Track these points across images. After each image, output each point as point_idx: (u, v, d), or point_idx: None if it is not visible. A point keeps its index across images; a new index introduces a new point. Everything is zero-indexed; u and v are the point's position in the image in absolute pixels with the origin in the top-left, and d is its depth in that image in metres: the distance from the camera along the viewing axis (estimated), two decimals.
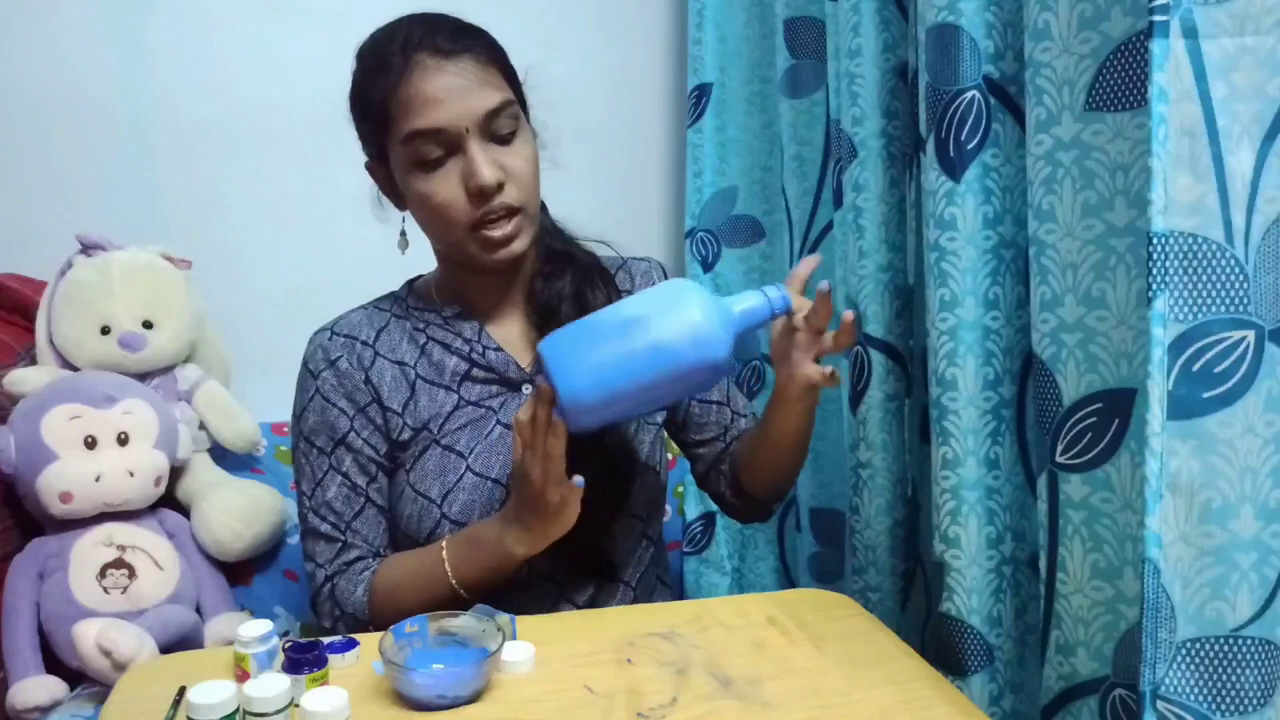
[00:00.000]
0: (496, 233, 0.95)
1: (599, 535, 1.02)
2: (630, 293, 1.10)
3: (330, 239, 1.57)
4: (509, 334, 1.06)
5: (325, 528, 1.00)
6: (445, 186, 0.94)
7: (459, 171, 0.94)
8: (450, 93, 0.92)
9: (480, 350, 1.03)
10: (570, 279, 1.04)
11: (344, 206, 1.58)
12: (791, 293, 0.92)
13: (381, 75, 0.95)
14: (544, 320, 1.03)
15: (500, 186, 0.94)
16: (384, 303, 1.08)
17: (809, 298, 0.96)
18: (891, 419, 1.17)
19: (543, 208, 1.07)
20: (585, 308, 1.01)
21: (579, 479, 0.88)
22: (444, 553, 0.95)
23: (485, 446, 1.01)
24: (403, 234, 1.04)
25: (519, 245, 0.97)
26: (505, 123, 0.95)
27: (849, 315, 0.93)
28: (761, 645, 0.89)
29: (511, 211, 0.95)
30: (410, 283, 1.11)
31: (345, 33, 1.07)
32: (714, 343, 0.85)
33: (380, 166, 1.01)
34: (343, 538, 1.00)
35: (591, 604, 1.03)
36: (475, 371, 1.03)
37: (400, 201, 1.02)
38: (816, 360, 0.96)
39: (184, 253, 1.39)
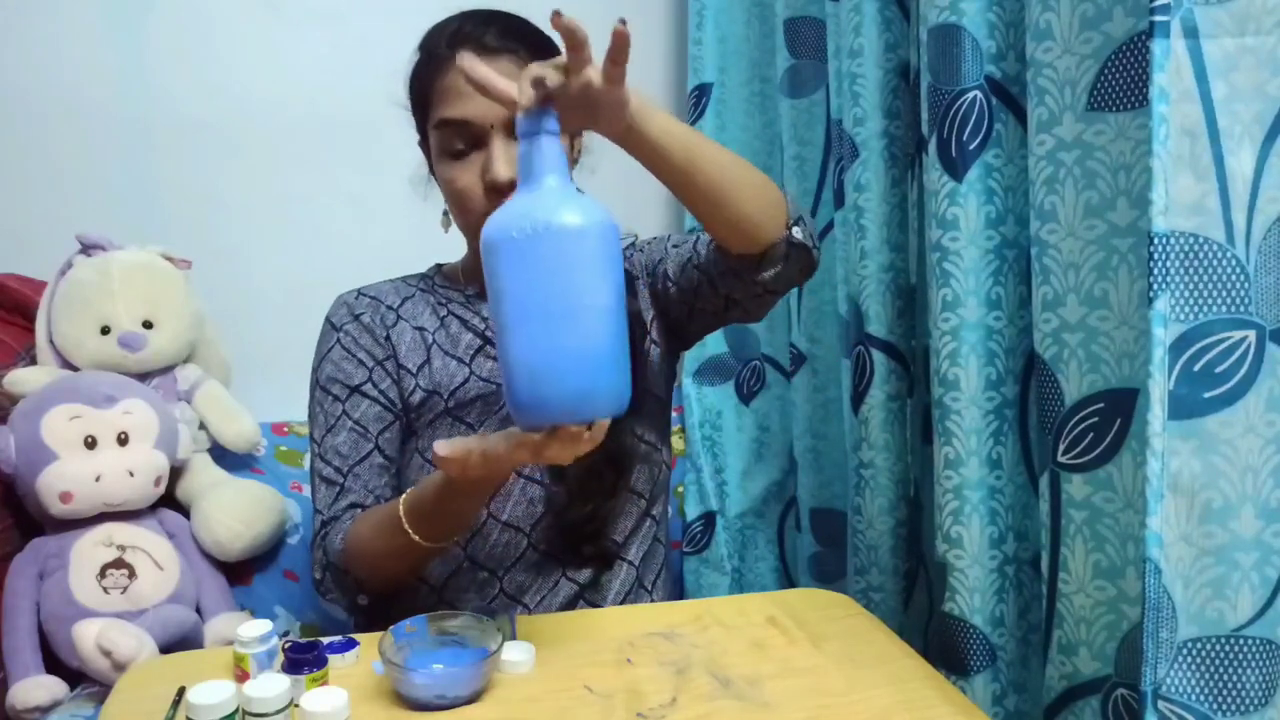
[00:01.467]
0: None
1: (600, 514, 1.02)
2: (638, 276, 1.10)
3: (330, 239, 1.57)
4: None
5: (328, 471, 1.01)
6: (465, 176, 0.97)
7: (481, 165, 0.97)
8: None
9: None
10: None
11: (344, 206, 1.59)
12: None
13: (429, 63, 1.00)
14: None
15: (514, 185, 0.94)
16: (411, 279, 1.12)
17: None
18: (893, 419, 1.17)
19: None
20: None
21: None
22: (401, 499, 0.92)
23: (495, 422, 1.02)
24: (445, 213, 1.06)
25: None
26: None
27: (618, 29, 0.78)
28: (761, 645, 0.89)
29: None
30: (439, 266, 1.15)
31: (345, 33, 1.08)
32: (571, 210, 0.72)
33: (425, 148, 1.05)
34: (342, 481, 1.01)
35: (593, 582, 1.04)
36: (488, 348, 1.05)
37: (437, 183, 1.05)
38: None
39: (184, 253, 1.39)
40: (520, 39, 0.99)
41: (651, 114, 0.83)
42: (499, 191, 0.95)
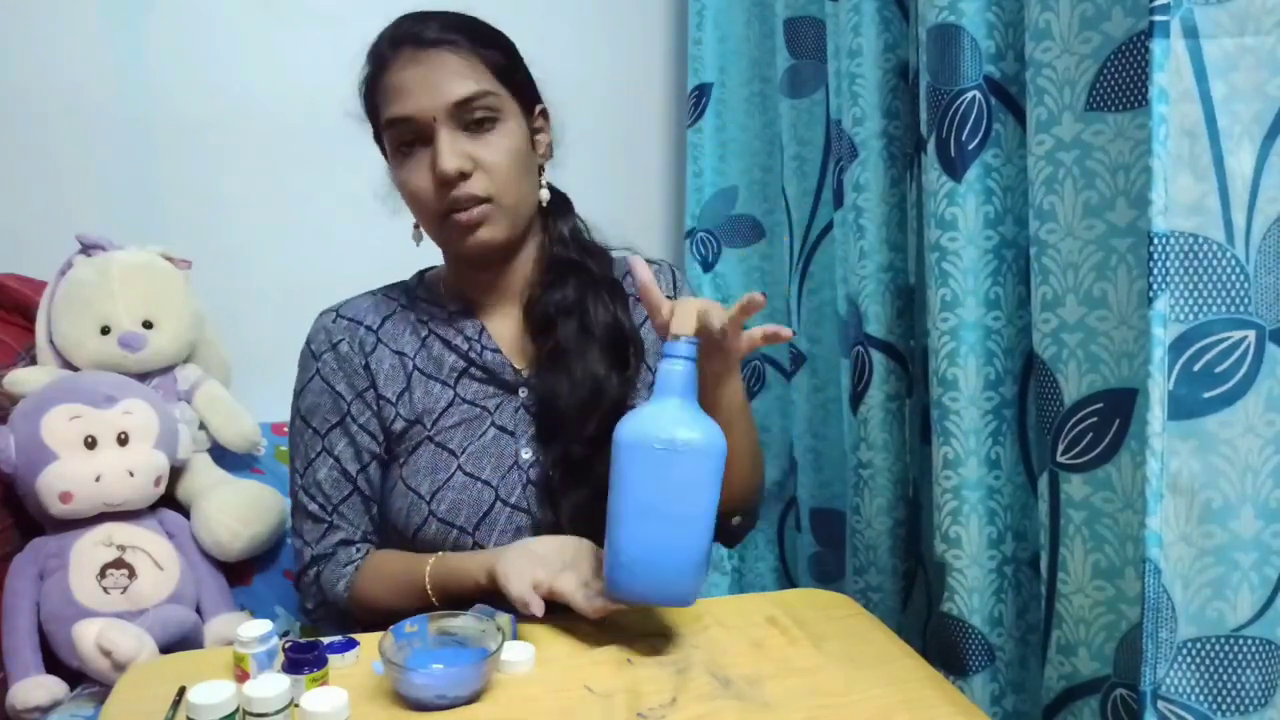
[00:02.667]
0: (462, 218, 0.96)
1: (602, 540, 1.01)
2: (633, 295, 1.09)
3: (330, 239, 1.57)
4: (512, 335, 1.05)
5: (314, 508, 1.02)
6: (417, 175, 0.96)
7: (429, 160, 0.95)
8: (420, 82, 0.95)
9: (479, 350, 1.03)
10: (574, 289, 1.03)
11: (344, 206, 1.58)
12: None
13: (371, 68, 1.00)
14: (539, 328, 1.02)
15: (464, 176, 0.95)
16: (393, 291, 1.09)
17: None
18: (892, 419, 1.17)
19: (560, 214, 1.07)
20: (585, 320, 1.01)
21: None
22: (427, 570, 0.95)
23: (478, 448, 1.01)
24: (416, 225, 1.04)
25: (485, 234, 0.97)
26: (479, 112, 0.96)
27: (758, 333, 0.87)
28: (761, 645, 0.89)
29: (478, 200, 0.96)
30: (422, 274, 1.12)
31: (345, 33, 1.07)
32: (693, 430, 0.82)
33: (385, 156, 1.04)
34: (329, 519, 1.02)
35: None
36: (473, 370, 1.03)
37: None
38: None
39: (184, 253, 1.39)
40: (459, 30, 0.98)
41: (736, 377, 0.93)
42: (448, 184, 0.94)
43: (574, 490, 0.98)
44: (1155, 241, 0.76)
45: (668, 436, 0.81)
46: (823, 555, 1.42)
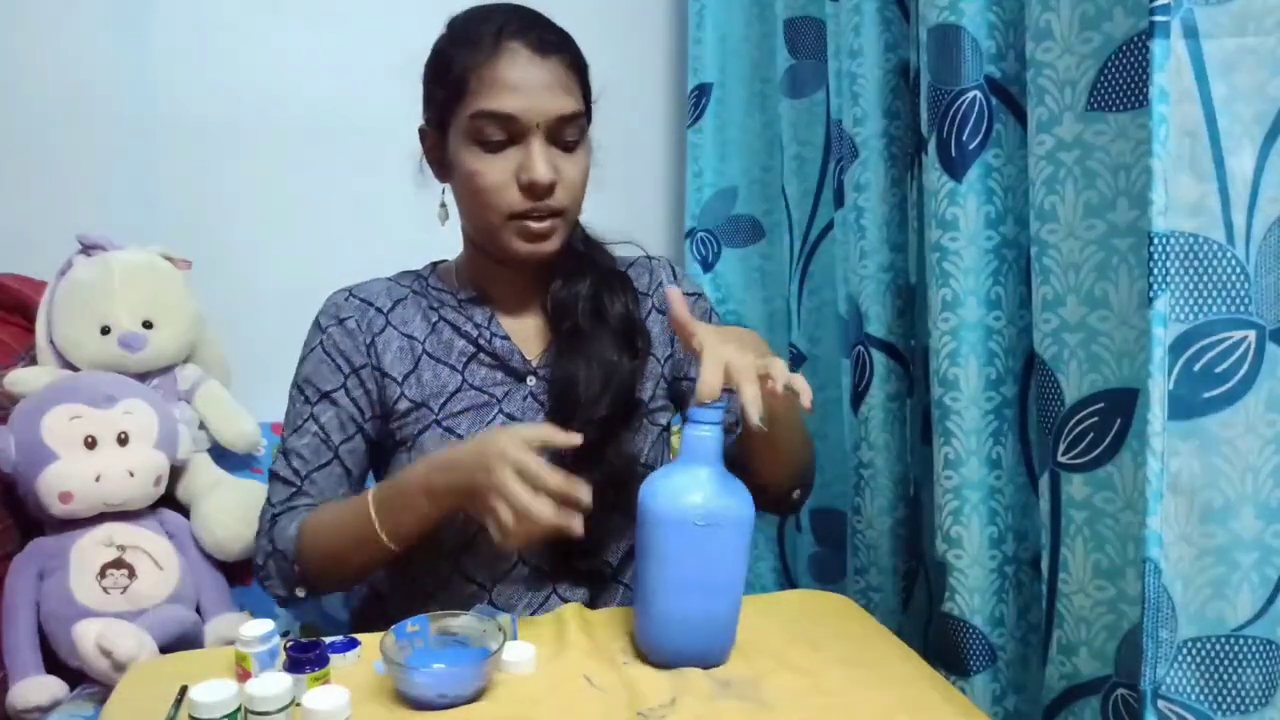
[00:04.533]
0: (533, 225, 0.97)
1: (599, 540, 1.01)
2: (647, 293, 1.11)
3: (330, 239, 1.57)
4: (522, 326, 1.07)
5: (287, 473, 1.01)
6: (497, 171, 0.96)
7: (516, 161, 0.96)
8: (533, 86, 0.95)
9: (488, 337, 1.04)
10: (590, 283, 1.05)
11: (344, 206, 1.59)
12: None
13: (470, 48, 0.96)
14: (559, 319, 1.04)
15: (551, 188, 0.96)
16: (405, 278, 1.10)
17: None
18: (893, 419, 1.17)
19: None
20: (601, 312, 1.03)
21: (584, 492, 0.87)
22: (369, 493, 0.95)
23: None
24: (443, 205, 1.05)
25: (551, 245, 1.00)
26: (572, 131, 0.98)
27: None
28: (761, 645, 0.89)
29: (554, 213, 0.98)
30: (434, 265, 1.13)
31: (345, 33, 1.08)
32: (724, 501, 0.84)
33: (435, 134, 1.02)
34: (298, 484, 1.01)
35: (589, 605, 1.03)
36: (481, 355, 1.04)
37: (443, 172, 1.04)
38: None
39: (184, 253, 1.39)
40: (568, 46, 1.00)
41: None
42: (534, 192, 0.95)
43: (587, 473, 0.96)
44: (1156, 241, 0.76)
45: (707, 512, 0.82)
46: (823, 555, 1.42)
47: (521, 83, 0.94)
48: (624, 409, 1.01)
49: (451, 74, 0.97)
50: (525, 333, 1.06)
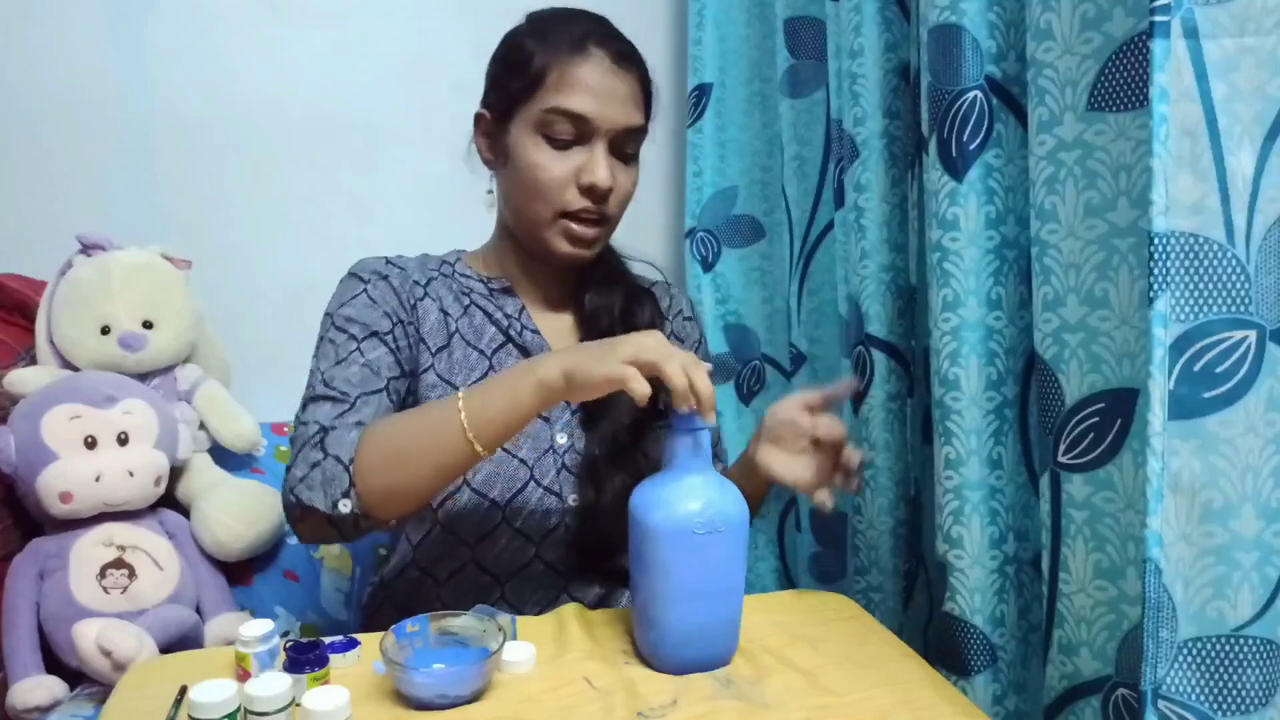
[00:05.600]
0: (579, 228, 1.01)
1: (622, 540, 1.01)
2: (666, 316, 1.14)
3: (330, 239, 1.57)
4: (552, 322, 1.09)
5: (334, 392, 0.93)
6: (559, 167, 0.99)
7: (578, 162, 0.99)
8: (611, 93, 0.99)
9: (519, 328, 1.05)
10: (621, 296, 1.09)
11: (344, 206, 1.59)
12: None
13: (553, 45, 0.99)
14: (592, 322, 1.07)
15: (607, 194, 1.00)
16: (431, 261, 1.10)
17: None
18: (894, 419, 1.17)
19: None
20: (631, 322, 1.06)
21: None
22: (457, 394, 0.87)
23: None
24: (490, 190, 1.08)
25: (591, 250, 1.03)
26: (632, 145, 1.03)
27: (853, 457, 0.99)
28: (761, 645, 0.89)
29: (603, 219, 1.02)
30: (459, 253, 1.13)
31: (345, 33, 1.08)
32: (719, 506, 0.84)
33: (496, 122, 1.04)
34: (351, 401, 0.92)
35: (600, 605, 1.03)
36: (510, 346, 1.05)
37: (495, 159, 1.05)
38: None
39: (184, 253, 1.39)
40: (640, 60, 1.04)
41: None
42: (592, 194, 0.99)
43: (618, 472, 1.00)
44: (1156, 241, 0.76)
45: (706, 519, 0.82)
46: (823, 555, 1.42)
47: (599, 88, 0.98)
48: (652, 414, 1.01)
49: (531, 67, 0.99)
50: (555, 330, 1.08)
